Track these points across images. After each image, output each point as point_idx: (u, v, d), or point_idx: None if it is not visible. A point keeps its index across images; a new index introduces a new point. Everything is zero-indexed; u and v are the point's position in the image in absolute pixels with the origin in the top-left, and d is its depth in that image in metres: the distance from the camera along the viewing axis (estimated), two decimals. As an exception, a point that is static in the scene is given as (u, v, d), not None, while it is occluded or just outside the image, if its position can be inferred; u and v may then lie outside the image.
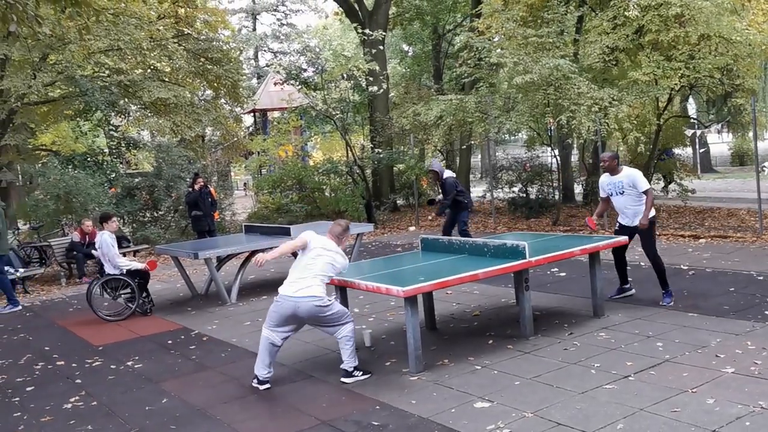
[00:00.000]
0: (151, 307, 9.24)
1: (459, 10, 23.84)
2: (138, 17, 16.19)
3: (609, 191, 7.40)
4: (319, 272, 5.54)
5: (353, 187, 18.48)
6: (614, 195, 7.33)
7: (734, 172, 30.22)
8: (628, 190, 7.19)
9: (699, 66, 12.23)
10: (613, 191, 7.33)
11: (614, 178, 7.30)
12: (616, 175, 7.28)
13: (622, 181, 7.21)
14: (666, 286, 7.27)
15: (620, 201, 7.31)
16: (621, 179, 7.23)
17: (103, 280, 8.87)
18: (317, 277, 5.52)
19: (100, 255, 8.84)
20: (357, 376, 5.57)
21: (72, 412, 5.47)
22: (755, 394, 4.52)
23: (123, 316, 8.94)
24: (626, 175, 7.22)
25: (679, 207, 15.57)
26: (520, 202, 16.42)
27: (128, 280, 8.88)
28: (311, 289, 5.44)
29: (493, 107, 14.87)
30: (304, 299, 5.42)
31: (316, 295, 5.43)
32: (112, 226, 9.02)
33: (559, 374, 5.26)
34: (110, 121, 18.21)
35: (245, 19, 45.60)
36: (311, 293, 5.42)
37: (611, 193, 7.37)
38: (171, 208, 16.56)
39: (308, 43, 31.42)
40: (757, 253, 9.79)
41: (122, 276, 8.85)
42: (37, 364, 7.12)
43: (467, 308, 7.82)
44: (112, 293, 8.96)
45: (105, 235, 8.80)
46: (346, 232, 5.89)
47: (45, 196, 13.98)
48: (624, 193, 7.23)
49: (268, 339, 5.61)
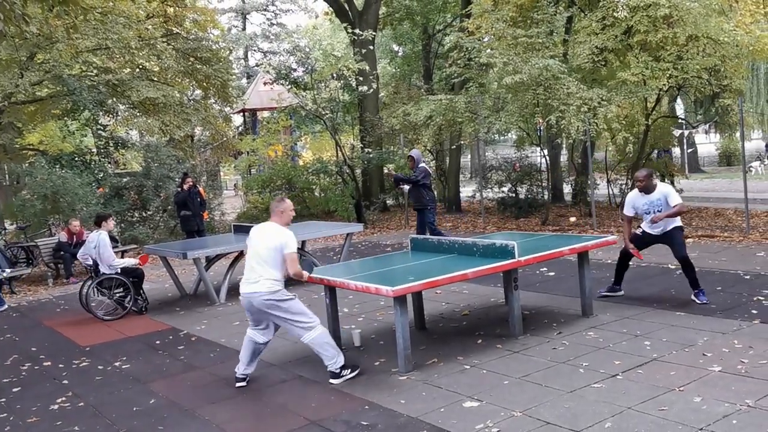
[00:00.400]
0: (146, 306, 9.24)
1: (449, 10, 23.85)
2: (126, 16, 16.10)
3: (645, 210, 7.14)
4: (264, 263, 5.45)
5: (343, 187, 18.47)
6: (653, 214, 7.07)
7: (721, 172, 30.43)
8: (665, 207, 7.02)
9: (687, 66, 12.31)
10: (651, 210, 7.09)
11: (651, 196, 7.07)
12: (652, 193, 7.07)
13: (660, 199, 7.03)
14: (697, 285, 7.12)
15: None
16: (658, 197, 7.04)
17: (97, 280, 8.84)
18: (264, 267, 5.45)
19: (96, 255, 8.80)
20: (345, 375, 5.54)
21: (59, 413, 5.43)
22: (742, 392, 4.55)
23: (118, 315, 8.92)
24: (661, 192, 7.04)
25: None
26: (510, 202, 16.47)
27: (123, 279, 8.87)
28: (258, 284, 5.43)
29: (483, 107, 14.90)
30: (253, 295, 5.44)
31: (261, 291, 5.41)
32: (109, 226, 9.08)
33: (548, 373, 5.28)
34: (98, 120, 18.09)
35: (235, 19, 45.48)
36: (256, 289, 5.43)
37: (648, 211, 7.11)
38: (160, 208, 16.49)
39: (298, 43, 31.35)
40: (743, 253, 9.86)
41: (117, 275, 8.84)
42: (24, 364, 7.07)
43: (456, 308, 7.83)
44: (107, 293, 8.95)
45: (103, 234, 8.81)
46: (282, 203, 5.73)
47: (32, 195, 13.89)
48: (662, 210, 7.04)
49: (249, 337, 5.71)
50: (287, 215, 5.72)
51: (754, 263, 8.97)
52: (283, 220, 5.67)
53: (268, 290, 5.41)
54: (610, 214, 15.20)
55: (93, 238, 8.87)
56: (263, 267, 5.46)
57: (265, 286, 5.42)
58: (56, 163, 15.85)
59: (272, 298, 5.42)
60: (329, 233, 12.05)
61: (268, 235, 5.53)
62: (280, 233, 5.51)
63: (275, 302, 5.43)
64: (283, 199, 5.82)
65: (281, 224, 5.63)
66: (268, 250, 5.46)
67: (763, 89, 24.89)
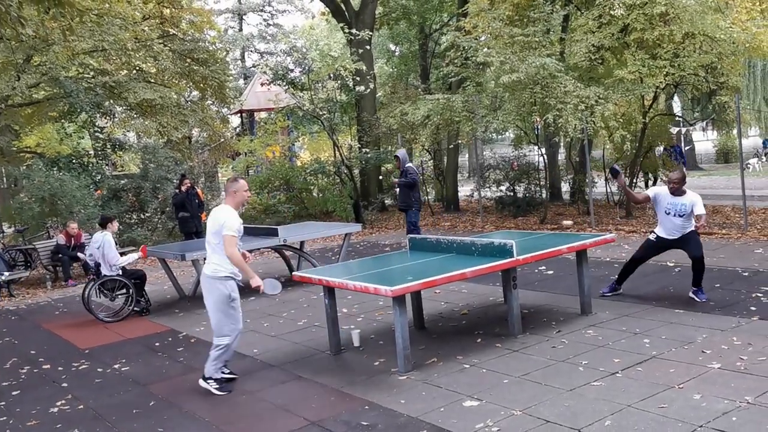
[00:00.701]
0: (148, 307, 9.25)
1: (445, 9, 23.85)
2: (122, 18, 16.06)
3: (668, 210, 7.15)
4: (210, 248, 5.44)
5: (341, 187, 18.46)
6: (672, 215, 7.11)
7: (719, 169, 30.42)
8: (689, 214, 7.05)
9: (684, 64, 12.32)
10: (674, 212, 7.10)
11: (678, 199, 7.08)
12: (681, 197, 7.08)
13: (686, 204, 7.04)
14: (700, 284, 7.17)
15: (676, 221, 7.12)
16: (685, 202, 7.04)
17: (99, 282, 8.84)
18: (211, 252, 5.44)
19: (99, 256, 8.82)
20: (209, 385, 5.55)
21: (58, 416, 5.43)
22: (741, 389, 4.55)
23: (121, 317, 8.94)
24: (690, 200, 7.06)
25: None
26: (508, 201, 16.48)
27: (125, 280, 8.89)
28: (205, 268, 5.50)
29: (480, 106, 14.90)
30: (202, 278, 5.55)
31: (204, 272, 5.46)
32: (113, 228, 9.17)
33: (548, 372, 5.28)
34: (95, 122, 18.08)
35: (231, 20, 45.42)
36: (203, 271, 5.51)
37: (670, 212, 7.12)
38: (158, 210, 16.47)
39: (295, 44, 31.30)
40: (742, 250, 9.87)
41: (119, 277, 8.86)
42: (23, 367, 7.06)
43: (455, 307, 7.83)
44: (110, 294, 8.97)
45: (108, 236, 8.86)
46: (234, 183, 5.57)
47: (30, 198, 13.87)
48: (684, 216, 7.07)
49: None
50: (240, 196, 5.55)
51: (752, 260, 8.99)
52: (236, 201, 5.52)
53: (210, 272, 5.41)
54: (608, 212, 15.21)
55: (97, 238, 8.89)
56: (210, 252, 5.45)
57: (210, 268, 5.43)
58: (54, 165, 15.85)
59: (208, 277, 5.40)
60: (327, 233, 12.06)
61: (213, 219, 5.45)
62: (222, 214, 5.39)
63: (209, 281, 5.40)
64: (236, 179, 5.63)
65: (232, 206, 5.49)
66: (212, 235, 5.42)
67: (760, 86, 24.89)
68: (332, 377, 5.72)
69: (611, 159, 16.81)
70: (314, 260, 10.96)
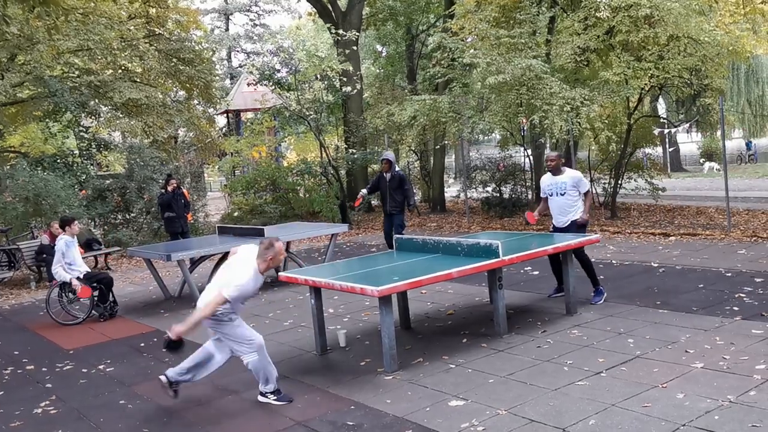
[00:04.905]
0: (110, 312, 9.05)
1: (432, 10, 23.88)
2: (108, 17, 15.99)
3: (550, 191, 7.43)
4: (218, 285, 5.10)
5: (327, 188, 18.44)
6: (554, 195, 7.38)
7: (703, 171, 30.70)
8: (570, 191, 7.28)
9: (668, 66, 12.43)
10: (554, 191, 7.37)
11: (557, 178, 7.35)
12: (559, 176, 7.34)
13: (565, 182, 7.28)
14: (597, 284, 7.41)
15: (558, 201, 7.37)
16: (565, 180, 7.30)
17: (58, 284, 8.77)
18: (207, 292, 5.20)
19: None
20: (269, 399, 5.22)
21: (42, 417, 5.39)
22: (724, 388, 4.60)
23: (78, 320, 8.83)
24: (570, 177, 7.29)
25: (650, 205, 15.79)
26: (494, 202, 16.54)
27: (86, 284, 8.73)
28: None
29: (467, 107, 14.95)
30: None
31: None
32: (73, 230, 8.82)
33: (533, 371, 5.31)
34: (80, 122, 17.93)
35: (217, 20, 45.32)
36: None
37: (552, 193, 7.41)
38: (143, 210, 16.38)
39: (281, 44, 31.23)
40: (725, 250, 9.96)
41: (79, 280, 8.70)
42: (6, 368, 7.00)
43: (441, 307, 7.85)
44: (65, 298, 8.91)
45: (61, 241, 8.66)
46: (271, 248, 5.09)
47: (13, 198, 13.72)
48: (565, 194, 7.30)
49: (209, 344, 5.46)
50: (275, 261, 5.16)
51: (736, 261, 9.07)
52: (266, 266, 5.11)
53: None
54: (593, 213, 15.26)
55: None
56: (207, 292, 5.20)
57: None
58: (38, 165, 15.68)
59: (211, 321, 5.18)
60: (314, 234, 12.03)
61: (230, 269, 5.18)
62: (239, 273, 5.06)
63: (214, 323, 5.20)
64: (273, 244, 5.13)
65: (260, 269, 5.11)
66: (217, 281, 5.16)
67: (744, 88, 25.18)
68: (318, 377, 5.72)
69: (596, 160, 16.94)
70: (300, 261, 10.96)
